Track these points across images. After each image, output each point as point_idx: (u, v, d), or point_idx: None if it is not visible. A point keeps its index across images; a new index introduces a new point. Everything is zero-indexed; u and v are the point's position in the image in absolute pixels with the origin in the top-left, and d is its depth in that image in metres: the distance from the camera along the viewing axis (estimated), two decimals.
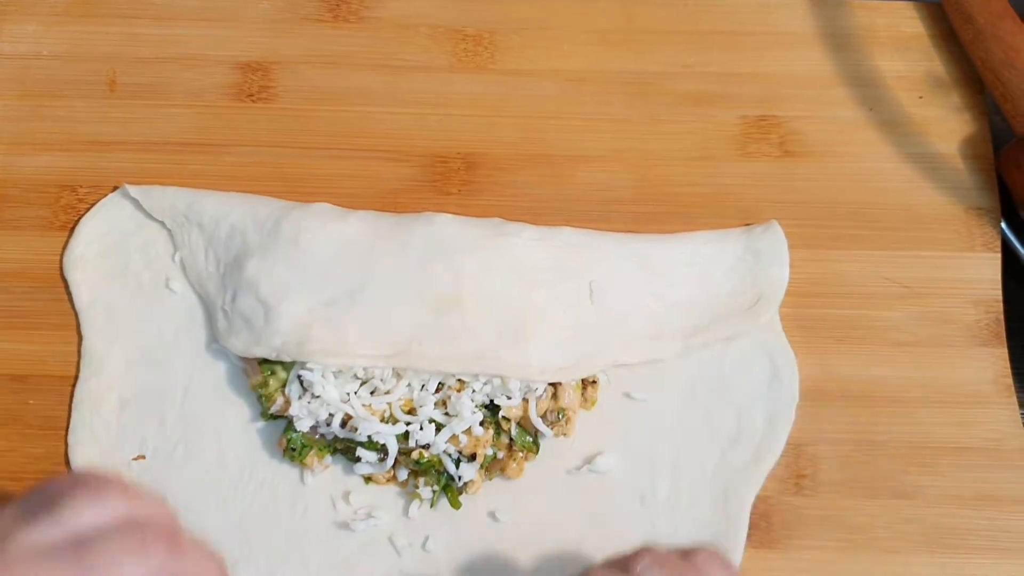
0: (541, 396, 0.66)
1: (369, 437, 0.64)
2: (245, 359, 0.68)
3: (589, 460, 0.67)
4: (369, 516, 0.66)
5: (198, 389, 0.69)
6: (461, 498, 0.66)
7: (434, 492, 0.65)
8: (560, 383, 0.66)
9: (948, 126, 0.77)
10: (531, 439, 0.66)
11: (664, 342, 0.69)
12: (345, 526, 0.66)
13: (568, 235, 0.70)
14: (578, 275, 0.69)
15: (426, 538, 0.65)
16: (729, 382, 0.69)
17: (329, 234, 0.69)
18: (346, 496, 0.66)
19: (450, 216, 0.70)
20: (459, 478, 0.65)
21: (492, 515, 0.66)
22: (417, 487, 0.66)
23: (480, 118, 0.76)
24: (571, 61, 0.78)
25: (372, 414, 0.65)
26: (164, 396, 0.68)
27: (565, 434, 0.66)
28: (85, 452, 0.67)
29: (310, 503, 0.66)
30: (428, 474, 0.65)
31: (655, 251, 0.71)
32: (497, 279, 0.67)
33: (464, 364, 0.65)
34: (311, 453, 0.66)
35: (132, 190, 0.73)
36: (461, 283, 0.66)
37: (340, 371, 0.65)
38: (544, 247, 0.69)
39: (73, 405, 0.68)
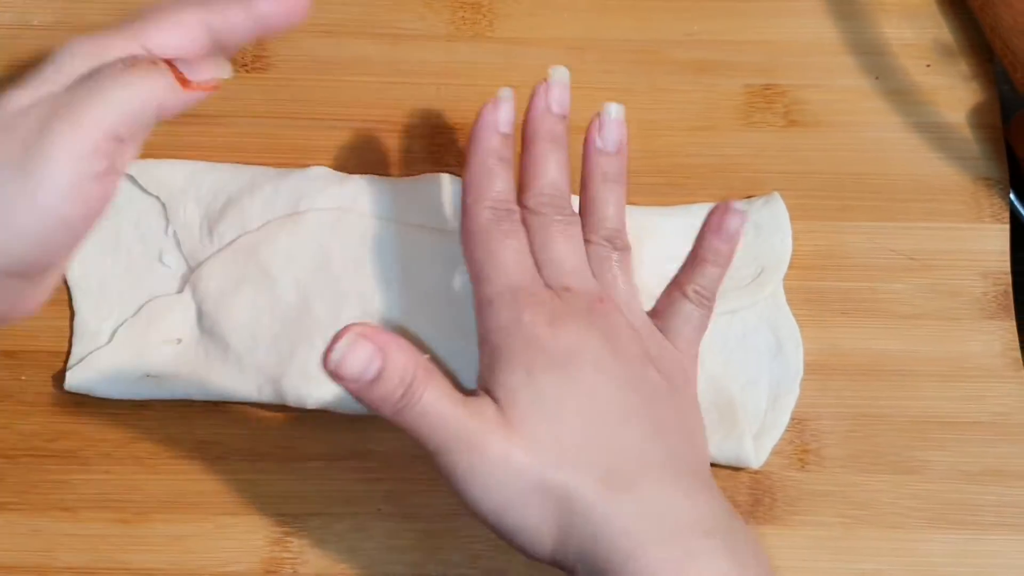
0: None
1: None
2: None
3: None
4: None
5: None
6: None
7: None
8: None
9: (956, 95, 0.75)
10: None
11: None
12: None
13: None
14: None
15: None
16: (732, 356, 0.68)
17: (328, 198, 0.68)
18: None
19: (450, 176, 0.69)
20: None
21: None
22: None
23: (479, 87, 0.74)
24: (571, 29, 0.76)
25: None
26: None
27: None
28: None
29: None
30: None
31: (654, 223, 0.69)
32: None
33: None
34: None
35: None
36: None
37: None
38: None
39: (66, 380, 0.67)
